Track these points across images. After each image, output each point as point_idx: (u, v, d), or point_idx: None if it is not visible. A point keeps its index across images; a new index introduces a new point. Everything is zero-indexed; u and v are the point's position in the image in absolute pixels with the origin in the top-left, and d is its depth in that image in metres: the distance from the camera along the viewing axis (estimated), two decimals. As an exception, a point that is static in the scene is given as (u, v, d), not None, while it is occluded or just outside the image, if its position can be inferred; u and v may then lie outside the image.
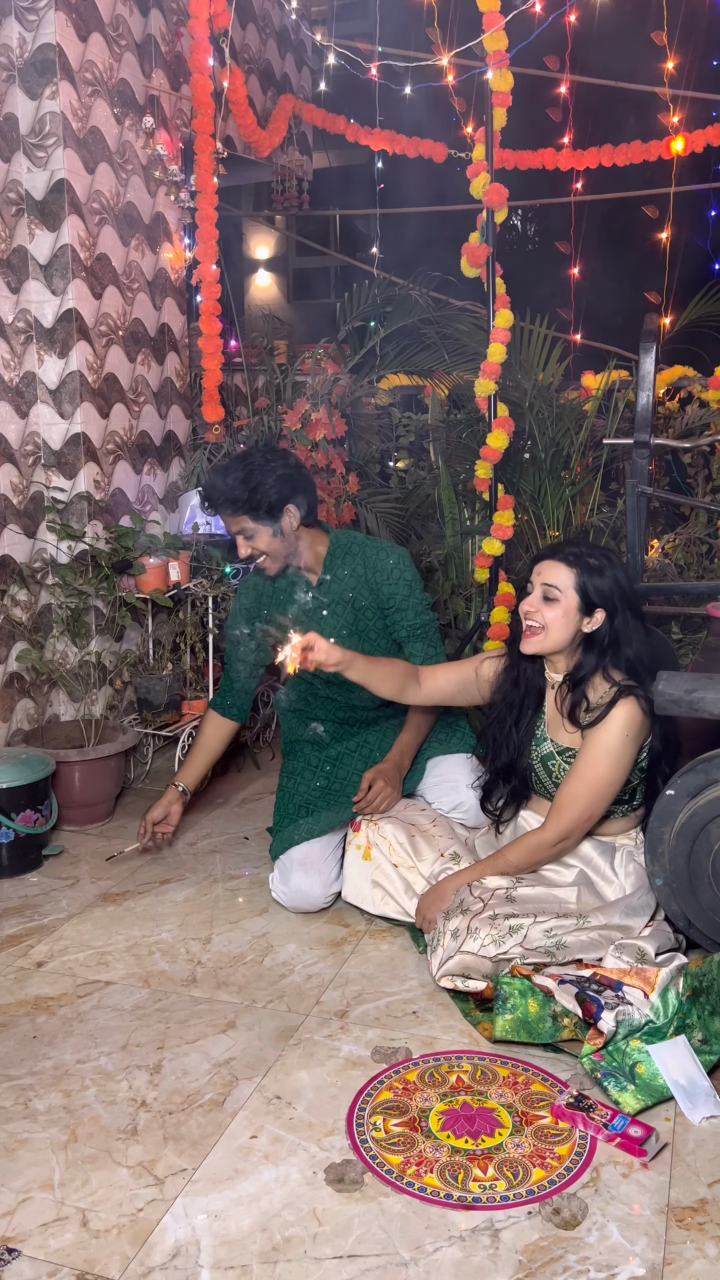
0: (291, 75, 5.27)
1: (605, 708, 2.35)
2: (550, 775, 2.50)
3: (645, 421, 3.41)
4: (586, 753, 2.36)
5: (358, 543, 2.87)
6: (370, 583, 2.81)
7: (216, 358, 4.06)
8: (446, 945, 2.26)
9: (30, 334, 3.52)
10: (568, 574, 2.36)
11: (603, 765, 2.34)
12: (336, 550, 2.84)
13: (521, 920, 2.24)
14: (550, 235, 8.61)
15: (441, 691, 2.61)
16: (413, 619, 2.83)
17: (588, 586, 2.35)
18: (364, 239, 8.35)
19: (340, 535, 2.88)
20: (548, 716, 2.51)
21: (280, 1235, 1.66)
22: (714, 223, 6.41)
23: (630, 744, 2.34)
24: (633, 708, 2.33)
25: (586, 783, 2.34)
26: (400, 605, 2.82)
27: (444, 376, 4.71)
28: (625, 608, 2.38)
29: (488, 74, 3.34)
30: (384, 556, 2.82)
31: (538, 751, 2.51)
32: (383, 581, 2.81)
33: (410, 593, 2.82)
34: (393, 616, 2.84)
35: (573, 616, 2.37)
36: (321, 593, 2.82)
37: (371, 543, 2.88)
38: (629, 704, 2.33)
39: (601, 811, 2.39)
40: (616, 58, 6.06)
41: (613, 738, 2.33)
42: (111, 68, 3.65)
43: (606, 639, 2.39)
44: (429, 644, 2.86)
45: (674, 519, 4.62)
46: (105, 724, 3.53)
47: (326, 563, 2.83)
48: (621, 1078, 1.97)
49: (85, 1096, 2.01)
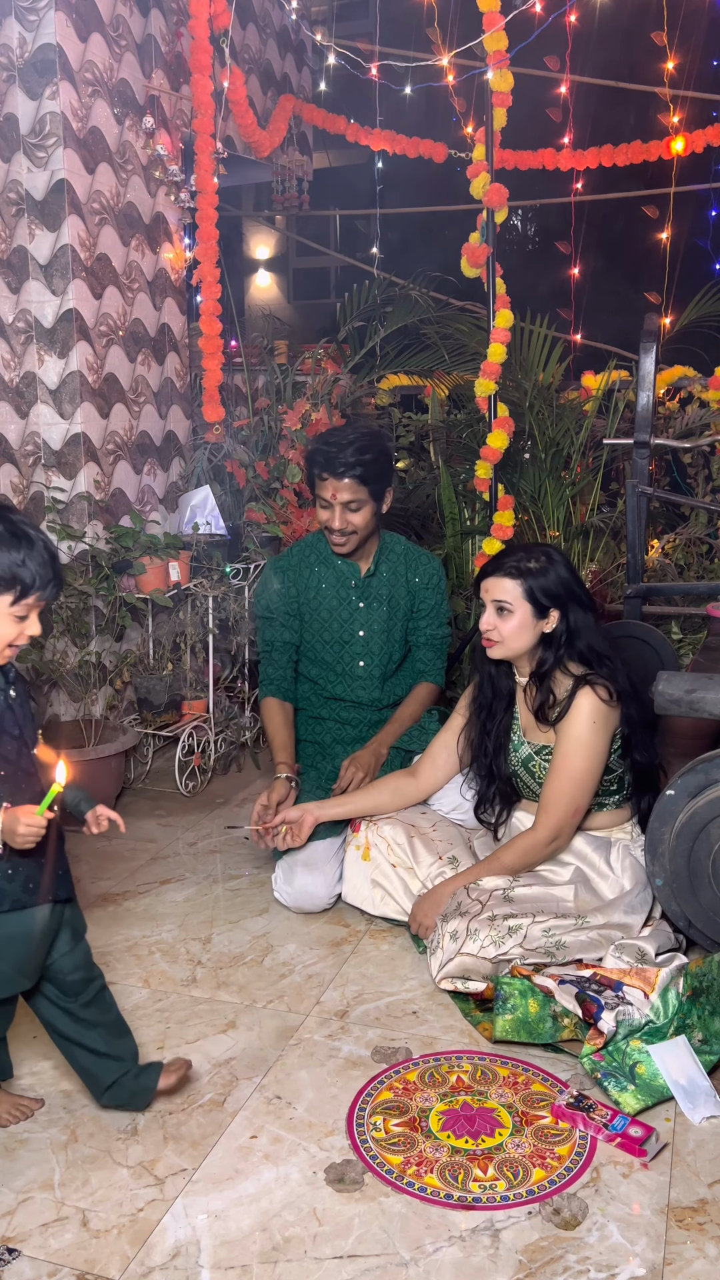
0: (291, 75, 5.27)
1: (567, 701, 2.40)
2: (533, 777, 2.51)
3: (645, 421, 3.41)
4: (560, 749, 2.40)
5: (402, 545, 3.00)
6: (409, 585, 2.94)
7: (216, 358, 4.06)
8: (446, 947, 2.26)
9: (30, 334, 3.53)
10: (513, 585, 2.40)
11: (578, 758, 2.37)
12: (385, 548, 2.96)
13: (520, 920, 2.24)
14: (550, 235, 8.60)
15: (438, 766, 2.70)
16: (434, 630, 2.99)
17: (535, 592, 2.40)
18: (364, 239, 8.35)
19: (388, 535, 3.00)
20: (521, 721, 2.55)
21: (280, 1235, 1.66)
22: (714, 223, 6.41)
23: (599, 731, 2.37)
24: (591, 696, 2.37)
25: (567, 777, 2.38)
26: (428, 613, 2.97)
27: (444, 376, 4.71)
28: (574, 601, 2.43)
29: (488, 74, 3.34)
30: (427, 563, 2.97)
31: (517, 755, 2.53)
32: (421, 586, 2.95)
33: (439, 603, 2.97)
34: (417, 621, 2.98)
35: (529, 623, 2.42)
36: (367, 585, 2.90)
37: (413, 548, 3.02)
38: (587, 693, 2.38)
39: (587, 804, 2.42)
40: (616, 58, 6.06)
41: (580, 728, 2.37)
42: (111, 68, 3.65)
43: (563, 635, 2.44)
44: (437, 655, 3.02)
45: (674, 519, 4.62)
46: (105, 724, 3.52)
47: (377, 557, 2.94)
48: (621, 1078, 1.97)
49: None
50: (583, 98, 5.59)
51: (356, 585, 2.90)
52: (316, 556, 2.95)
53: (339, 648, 2.92)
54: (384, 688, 2.97)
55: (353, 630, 2.91)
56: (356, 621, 2.90)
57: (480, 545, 3.72)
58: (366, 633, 2.90)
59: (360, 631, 2.91)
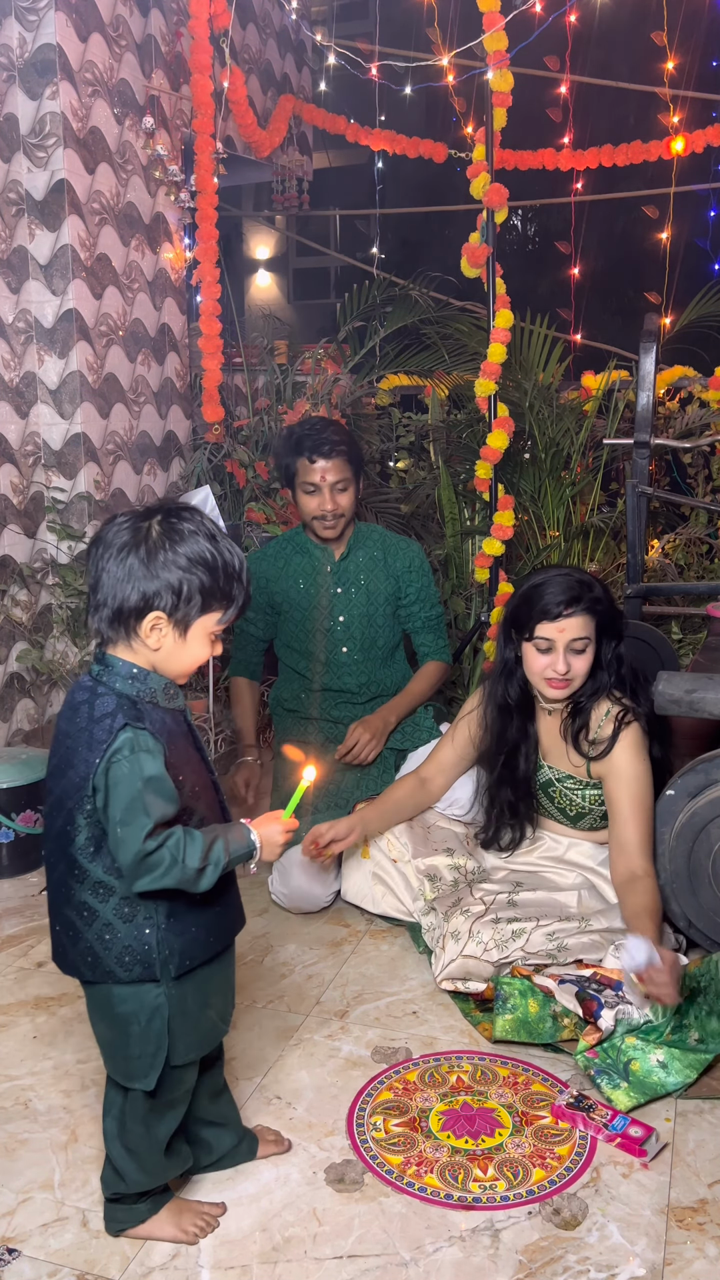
0: (291, 75, 5.27)
1: (610, 741, 2.34)
2: (552, 801, 2.49)
3: (645, 421, 3.41)
4: (624, 793, 2.31)
5: (377, 532, 3.04)
6: (389, 571, 2.96)
7: (216, 358, 4.06)
8: (448, 948, 2.26)
9: (30, 334, 3.52)
10: (589, 622, 2.28)
11: (647, 795, 2.32)
12: (360, 534, 3.00)
13: (524, 924, 2.23)
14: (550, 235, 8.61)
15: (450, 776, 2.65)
16: (428, 611, 3.02)
17: (603, 624, 2.32)
18: (364, 239, 8.35)
19: (363, 524, 3.05)
20: (543, 745, 2.48)
21: (280, 1235, 1.66)
22: (714, 223, 6.42)
23: (647, 762, 2.34)
24: (635, 732, 2.34)
25: (646, 815, 2.31)
26: (418, 598, 2.99)
27: (444, 376, 4.71)
28: (619, 626, 2.38)
29: (488, 74, 3.34)
30: (405, 548, 3.00)
31: (536, 779, 2.50)
32: (405, 570, 2.97)
33: (426, 585, 3.00)
34: (408, 608, 3.00)
35: (593, 657, 2.33)
36: (342, 570, 2.91)
37: (390, 535, 3.05)
38: (631, 731, 2.34)
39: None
40: (616, 58, 6.06)
41: (634, 767, 2.32)
42: (111, 68, 3.65)
43: (614, 661, 2.37)
44: (437, 635, 3.05)
45: (674, 519, 4.62)
46: (105, 724, 3.52)
47: (351, 543, 2.97)
48: (615, 1075, 1.97)
49: (85, 1096, 2.01)
50: (583, 98, 5.59)
51: (332, 570, 2.93)
52: (293, 548, 2.99)
53: (321, 636, 2.94)
54: (370, 675, 2.97)
55: (333, 616, 2.93)
56: (336, 607, 2.93)
57: (480, 545, 3.72)
58: (346, 617, 2.92)
59: (340, 617, 2.93)
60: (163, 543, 1.48)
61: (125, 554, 1.47)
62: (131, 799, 1.42)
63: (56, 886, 1.54)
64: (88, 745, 1.46)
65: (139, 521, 1.51)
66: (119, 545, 1.48)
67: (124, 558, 1.47)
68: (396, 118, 5.44)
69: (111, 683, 1.50)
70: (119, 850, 1.45)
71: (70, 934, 1.53)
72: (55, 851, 1.53)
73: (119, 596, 1.47)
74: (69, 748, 1.50)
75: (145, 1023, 1.53)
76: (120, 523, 1.51)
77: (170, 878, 1.45)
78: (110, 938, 1.50)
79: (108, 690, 1.49)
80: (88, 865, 1.49)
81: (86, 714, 1.48)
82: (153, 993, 1.52)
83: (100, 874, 1.49)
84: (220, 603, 1.53)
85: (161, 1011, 1.53)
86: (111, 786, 1.44)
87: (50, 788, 1.54)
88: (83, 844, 1.49)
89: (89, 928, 1.51)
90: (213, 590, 1.51)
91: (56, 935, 1.56)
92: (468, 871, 2.54)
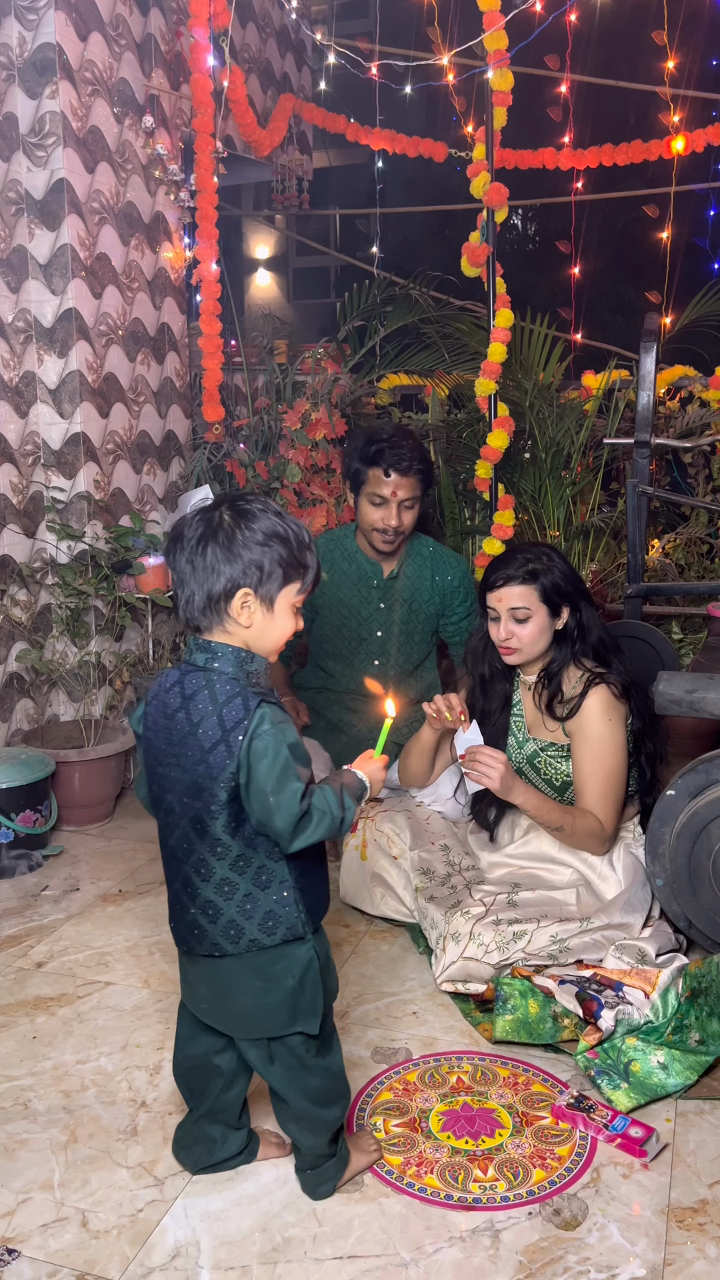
0: (291, 75, 5.27)
1: (577, 700, 2.40)
2: (539, 773, 2.51)
3: (645, 421, 3.41)
4: (585, 751, 2.39)
5: (430, 548, 3.03)
6: (435, 588, 2.97)
7: (216, 357, 4.05)
8: (449, 950, 2.26)
9: (30, 334, 3.52)
10: (527, 590, 2.39)
11: (608, 756, 2.38)
12: (413, 550, 2.99)
13: (525, 926, 2.23)
14: (550, 235, 8.61)
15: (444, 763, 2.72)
16: (466, 623, 3.05)
17: (548, 592, 2.39)
18: (364, 239, 8.35)
19: (417, 537, 3.02)
20: (527, 718, 2.54)
21: (280, 1236, 1.66)
22: (714, 222, 6.41)
23: (617, 725, 2.38)
24: (602, 693, 2.39)
25: (603, 776, 2.39)
26: (465, 614, 3.03)
27: (444, 376, 4.70)
28: (581, 596, 2.44)
29: (488, 73, 3.34)
30: (454, 566, 3.01)
31: (522, 753, 2.53)
32: (450, 590, 2.99)
33: (468, 601, 3.02)
34: (455, 624, 3.04)
35: (545, 625, 2.42)
36: (389, 587, 2.91)
37: (439, 549, 3.05)
38: (599, 690, 2.39)
39: (624, 797, 2.43)
40: (616, 57, 6.06)
41: (599, 726, 2.38)
42: (111, 67, 3.65)
43: (574, 631, 2.44)
44: None
45: (674, 519, 4.62)
46: (105, 724, 3.52)
47: (402, 560, 2.97)
48: (615, 1075, 1.97)
49: (85, 1097, 2.01)
50: (583, 97, 5.59)
51: (379, 585, 2.91)
52: (341, 552, 2.97)
53: (355, 644, 2.93)
54: (397, 685, 2.97)
55: (370, 630, 2.92)
56: (375, 621, 2.91)
57: (480, 545, 3.72)
58: (384, 633, 2.92)
59: (378, 632, 2.92)
60: (237, 525, 1.57)
61: (204, 544, 1.57)
62: (282, 768, 1.52)
63: (195, 871, 1.61)
64: (221, 728, 1.54)
65: (209, 513, 1.60)
66: (196, 538, 1.58)
67: (203, 548, 1.57)
68: (396, 117, 5.44)
69: (224, 667, 1.58)
70: (275, 817, 1.53)
71: (209, 914, 1.61)
72: (190, 838, 1.60)
73: (207, 584, 1.57)
74: (195, 736, 1.56)
75: (300, 976, 1.64)
76: (192, 519, 1.60)
77: (322, 829, 1.56)
78: (251, 907, 1.60)
79: (222, 674, 1.58)
80: (230, 841, 1.58)
81: (208, 699, 1.56)
82: (300, 949, 1.64)
83: (240, 848, 1.58)
84: (298, 572, 1.62)
85: (312, 964, 1.66)
86: (257, 760, 1.52)
87: (172, 780, 1.60)
88: (225, 822, 1.56)
89: (229, 902, 1.60)
90: (290, 561, 1.60)
91: (191, 921, 1.64)
92: (463, 869, 2.55)
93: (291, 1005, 1.64)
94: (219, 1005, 1.66)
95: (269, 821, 1.54)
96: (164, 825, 1.64)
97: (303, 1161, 1.75)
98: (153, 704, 1.63)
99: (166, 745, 1.60)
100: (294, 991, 1.64)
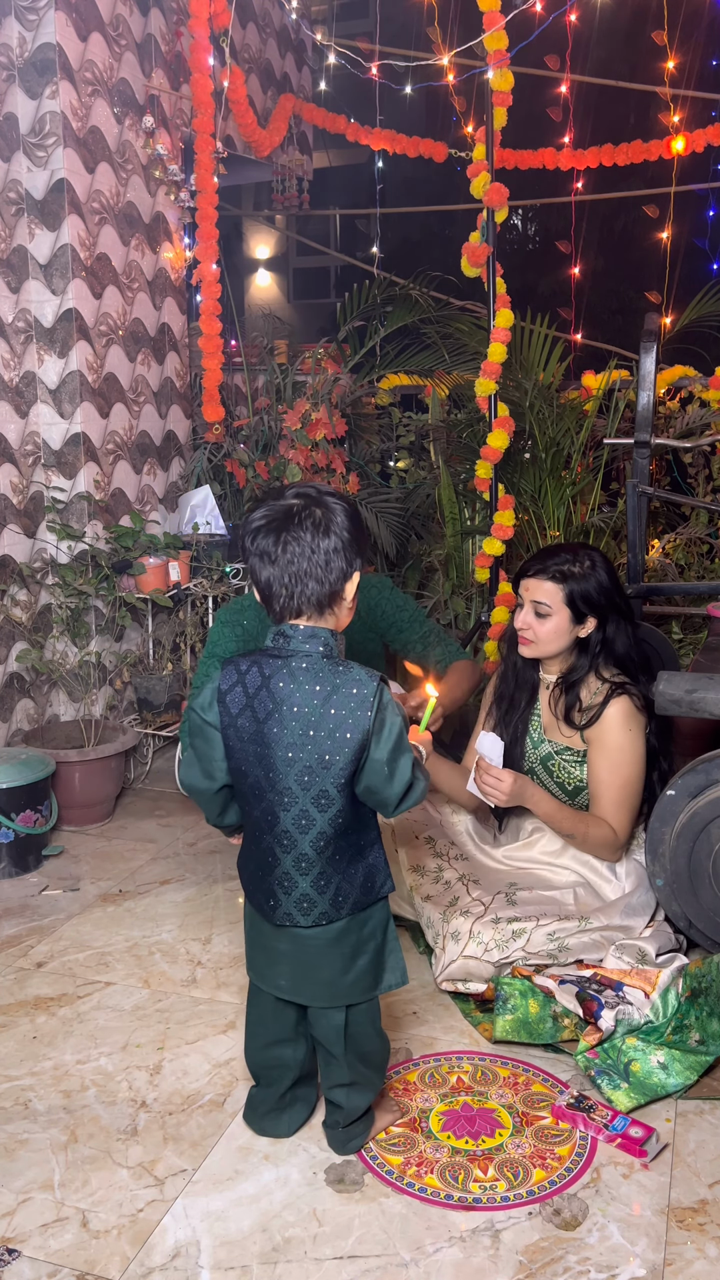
0: (292, 75, 5.27)
1: (599, 708, 2.38)
2: (551, 775, 2.50)
3: (646, 421, 3.40)
4: (603, 759, 2.37)
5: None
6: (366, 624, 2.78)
7: (217, 357, 4.05)
8: (448, 949, 2.26)
9: (30, 334, 3.52)
10: (555, 590, 2.37)
11: (626, 765, 2.37)
12: None
13: (524, 924, 2.23)
14: (550, 235, 8.60)
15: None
16: (419, 631, 2.83)
17: (576, 598, 2.37)
18: (364, 239, 8.35)
19: None
20: (543, 719, 2.53)
21: (280, 1236, 1.66)
22: (714, 222, 6.41)
23: (635, 735, 2.38)
24: (625, 703, 2.37)
25: (619, 785, 2.37)
26: (403, 627, 2.81)
27: (444, 376, 4.70)
28: (613, 610, 2.41)
29: (488, 73, 3.34)
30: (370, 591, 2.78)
31: (536, 753, 2.51)
32: (377, 619, 2.79)
33: (401, 612, 2.81)
34: (398, 639, 2.83)
35: (565, 628, 2.40)
36: None
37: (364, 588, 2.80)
38: (621, 701, 2.38)
39: (639, 805, 2.42)
40: (616, 57, 6.06)
41: (619, 736, 2.36)
42: (111, 67, 3.65)
43: (598, 644, 2.42)
44: (443, 645, 2.87)
45: (674, 519, 4.61)
46: (105, 724, 3.52)
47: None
48: (615, 1075, 1.97)
49: (85, 1097, 2.01)
50: (583, 97, 5.59)
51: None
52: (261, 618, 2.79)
53: None
54: None
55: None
56: None
57: (480, 545, 3.72)
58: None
59: None
60: (327, 519, 1.65)
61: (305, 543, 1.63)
62: (400, 738, 1.64)
63: (311, 846, 1.66)
64: (345, 706, 1.62)
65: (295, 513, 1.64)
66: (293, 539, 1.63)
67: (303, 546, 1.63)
68: (396, 117, 5.44)
69: (328, 649, 1.66)
70: (390, 785, 1.64)
71: (320, 885, 1.69)
72: (310, 815, 1.66)
73: (325, 579, 1.64)
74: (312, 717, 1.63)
75: (383, 932, 1.77)
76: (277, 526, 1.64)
77: (417, 795, 1.68)
78: (354, 870, 1.71)
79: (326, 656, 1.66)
80: (350, 811, 1.67)
81: (330, 680, 1.64)
82: (379, 906, 1.76)
83: (352, 816, 1.68)
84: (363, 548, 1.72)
85: (390, 920, 1.78)
86: (382, 731, 1.63)
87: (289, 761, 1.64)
88: (349, 794, 1.65)
89: (339, 871, 1.69)
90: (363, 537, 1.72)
91: (301, 899, 1.70)
92: (451, 858, 2.55)
93: (377, 965, 1.76)
94: (306, 976, 1.73)
95: (383, 789, 1.64)
96: (267, 811, 1.68)
97: (340, 1118, 1.82)
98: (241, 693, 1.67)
99: (279, 730, 1.64)
100: (379, 950, 1.76)
